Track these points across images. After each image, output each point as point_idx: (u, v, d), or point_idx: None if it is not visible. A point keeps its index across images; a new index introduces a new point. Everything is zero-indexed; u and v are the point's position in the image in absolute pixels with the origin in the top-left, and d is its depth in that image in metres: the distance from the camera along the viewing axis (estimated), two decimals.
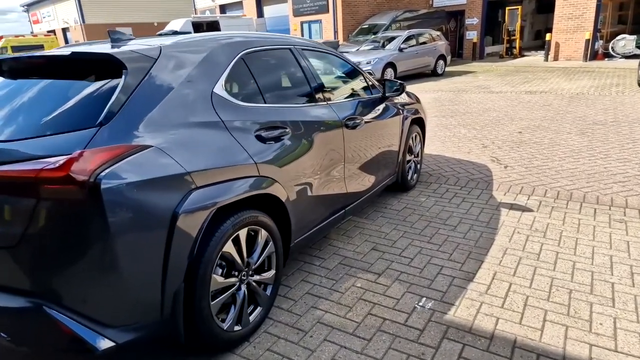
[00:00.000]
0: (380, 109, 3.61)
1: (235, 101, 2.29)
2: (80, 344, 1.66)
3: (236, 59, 2.40)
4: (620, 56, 15.44)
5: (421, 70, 14.01)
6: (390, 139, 3.75)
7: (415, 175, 4.42)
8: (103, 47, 2.10)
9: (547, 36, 16.49)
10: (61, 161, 1.59)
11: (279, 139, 2.42)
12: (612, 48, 15.66)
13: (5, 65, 2.19)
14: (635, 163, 4.73)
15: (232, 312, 2.17)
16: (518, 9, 18.69)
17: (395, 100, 3.94)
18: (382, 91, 3.69)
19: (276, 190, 2.35)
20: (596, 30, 15.65)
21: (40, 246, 1.66)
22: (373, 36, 15.39)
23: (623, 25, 18.02)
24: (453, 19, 19.74)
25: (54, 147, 1.68)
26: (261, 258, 2.32)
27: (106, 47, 2.11)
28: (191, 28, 17.09)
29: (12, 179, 1.65)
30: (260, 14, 22.07)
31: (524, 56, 18.77)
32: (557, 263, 2.86)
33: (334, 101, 3.08)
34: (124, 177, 1.66)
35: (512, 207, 3.81)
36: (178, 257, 1.83)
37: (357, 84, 3.64)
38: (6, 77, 2.24)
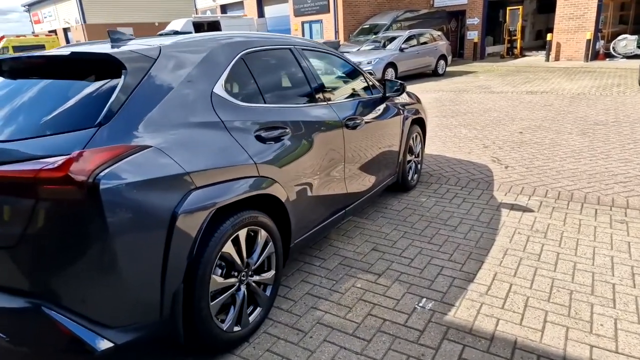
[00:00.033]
0: (380, 109, 3.60)
1: (235, 101, 2.28)
2: (79, 344, 1.66)
3: (236, 59, 2.40)
4: (621, 56, 15.42)
5: (422, 71, 14.00)
6: (391, 139, 3.75)
7: (415, 175, 4.41)
8: (103, 47, 2.10)
9: (548, 36, 16.47)
10: (60, 161, 1.59)
11: (278, 139, 2.41)
12: (613, 48, 15.63)
13: (5, 65, 2.19)
14: (637, 163, 4.71)
15: (232, 312, 2.16)
16: (519, 8, 18.68)
17: (396, 101, 3.93)
18: (382, 91, 3.69)
19: (276, 191, 2.35)
20: (597, 30, 15.63)
21: (39, 246, 1.66)
22: (374, 36, 15.38)
23: (624, 25, 18.00)
24: (454, 19, 19.72)
25: (53, 147, 1.67)
26: (261, 258, 2.32)
27: (106, 47, 2.10)
28: (192, 28, 17.10)
29: (11, 179, 1.65)
30: (261, 14, 22.08)
31: (524, 56, 18.76)
32: (557, 264, 2.86)
33: (334, 101, 3.08)
34: (123, 177, 1.66)
35: (513, 207, 3.80)
36: (177, 257, 1.83)
37: (357, 84, 3.64)
38: (6, 77, 2.24)
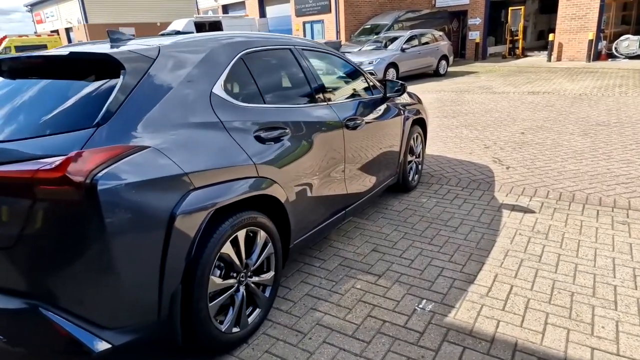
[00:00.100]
0: (381, 109, 3.59)
1: (235, 101, 2.27)
2: (76, 345, 1.65)
3: (235, 59, 2.39)
4: (623, 57, 15.38)
5: (423, 71, 13.99)
6: (391, 139, 3.73)
7: (416, 176, 4.40)
8: (102, 47, 2.09)
9: (550, 36, 16.44)
10: (58, 162, 1.58)
11: (278, 140, 2.40)
12: (615, 48, 15.59)
13: (4, 65, 2.19)
14: (639, 164, 4.69)
15: (231, 313, 2.15)
16: (521, 9, 18.65)
17: (397, 101, 3.92)
18: (383, 92, 3.67)
19: (275, 191, 2.33)
20: (599, 30, 15.59)
21: (37, 247, 1.65)
22: (375, 36, 15.36)
23: (627, 25, 17.94)
24: (456, 19, 19.70)
25: (51, 148, 1.67)
26: (260, 259, 2.31)
27: (105, 47, 2.10)
28: (194, 28, 17.12)
29: (8, 180, 1.64)
30: (262, 14, 22.09)
31: (526, 56, 18.73)
32: (559, 265, 2.84)
33: (334, 101, 3.07)
34: (121, 177, 1.65)
35: (514, 208, 3.78)
36: (175, 258, 1.82)
37: (357, 85, 3.62)
38: (5, 77, 2.23)
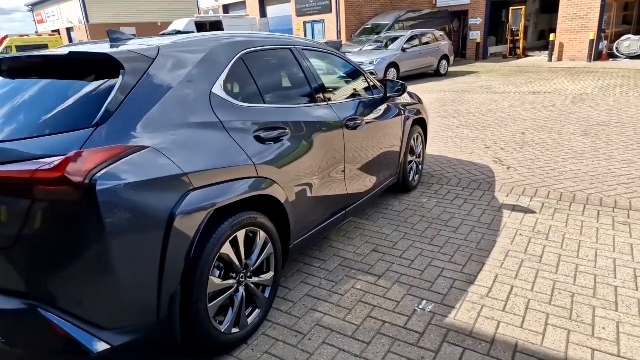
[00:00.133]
0: (381, 109, 3.59)
1: (234, 101, 2.27)
2: (75, 346, 1.65)
3: (235, 59, 2.38)
4: (624, 57, 15.35)
5: (424, 71, 13.98)
6: (392, 139, 3.73)
7: (417, 176, 4.39)
8: (101, 47, 2.09)
9: (551, 36, 16.41)
10: (57, 162, 1.58)
11: (278, 140, 2.40)
12: (616, 48, 15.57)
13: (4, 65, 2.19)
14: None
15: (230, 314, 2.15)
16: (522, 9, 18.62)
17: (397, 101, 3.91)
18: (383, 92, 3.67)
19: (275, 192, 2.33)
20: (600, 30, 15.56)
21: (35, 247, 1.65)
22: (376, 36, 15.35)
23: (628, 25, 17.91)
24: (456, 19, 19.67)
25: (50, 148, 1.67)
26: (260, 260, 2.30)
27: (105, 47, 2.10)
28: (194, 28, 17.11)
29: (7, 180, 1.64)
30: (263, 14, 22.08)
31: (527, 56, 18.70)
32: (559, 266, 2.83)
33: (334, 101, 3.06)
34: (121, 178, 1.64)
35: (515, 208, 3.78)
36: (175, 258, 1.82)
37: (358, 85, 3.62)
38: (4, 76, 2.23)
